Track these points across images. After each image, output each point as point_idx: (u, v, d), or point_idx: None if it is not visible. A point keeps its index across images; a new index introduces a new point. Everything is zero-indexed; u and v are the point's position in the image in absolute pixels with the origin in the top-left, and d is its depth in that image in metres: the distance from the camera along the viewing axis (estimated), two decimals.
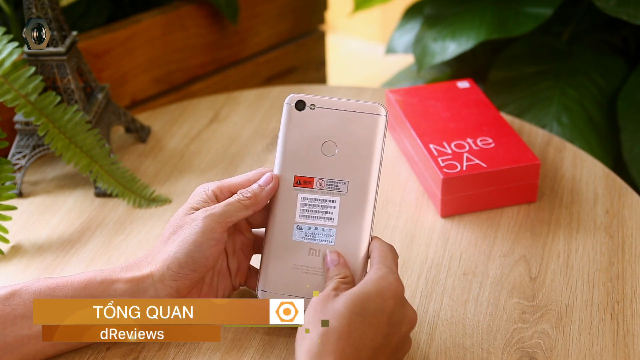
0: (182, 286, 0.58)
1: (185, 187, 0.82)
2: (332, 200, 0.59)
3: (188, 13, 1.06)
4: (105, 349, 0.60)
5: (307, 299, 0.57)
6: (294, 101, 0.60)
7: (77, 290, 0.57)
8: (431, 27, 1.25)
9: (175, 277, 0.57)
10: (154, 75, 1.06)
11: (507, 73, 1.22)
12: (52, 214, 0.79)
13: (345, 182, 0.59)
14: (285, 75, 1.26)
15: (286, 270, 0.59)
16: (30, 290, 0.57)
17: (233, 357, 0.59)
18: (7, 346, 0.55)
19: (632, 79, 1.14)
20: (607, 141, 1.15)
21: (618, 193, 0.78)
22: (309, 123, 0.60)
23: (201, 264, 0.57)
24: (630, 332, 0.61)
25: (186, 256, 0.57)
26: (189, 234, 0.57)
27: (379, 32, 2.51)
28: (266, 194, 0.59)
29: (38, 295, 0.56)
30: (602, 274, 0.67)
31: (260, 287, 0.59)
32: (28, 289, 0.57)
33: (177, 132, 0.92)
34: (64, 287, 0.57)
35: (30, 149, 0.81)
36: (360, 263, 0.58)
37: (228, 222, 0.58)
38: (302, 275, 0.59)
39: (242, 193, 0.59)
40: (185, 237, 0.57)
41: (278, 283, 0.59)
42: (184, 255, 0.57)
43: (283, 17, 1.22)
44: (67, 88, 0.80)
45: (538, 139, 0.87)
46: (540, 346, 0.60)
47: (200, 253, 0.57)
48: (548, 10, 1.16)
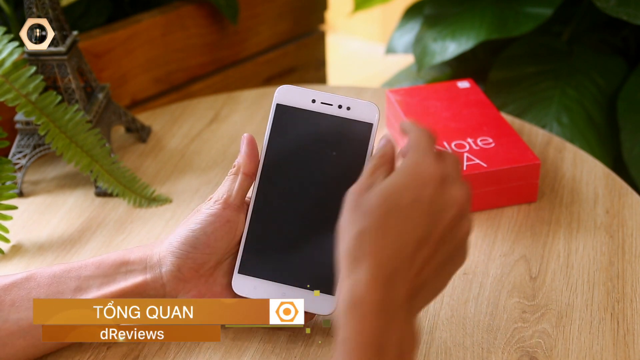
0: (185, 266, 0.58)
1: (185, 187, 0.82)
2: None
3: (188, 13, 1.06)
4: (106, 348, 0.60)
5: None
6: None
7: (90, 270, 0.59)
8: (431, 27, 1.25)
9: (176, 254, 0.58)
10: (154, 75, 1.06)
11: (507, 73, 1.22)
12: (52, 214, 0.79)
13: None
14: (285, 75, 1.26)
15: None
16: (46, 273, 0.58)
17: (233, 357, 0.59)
18: (20, 330, 0.56)
19: (632, 79, 1.14)
20: (607, 141, 1.15)
21: (618, 193, 0.78)
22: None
23: (202, 241, 0.58)
24: (631, 331, 0.61)
25: (187, 233, 0.58)
26: (193, 217, 0.59)
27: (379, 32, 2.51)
28: (245, 154, 0.60)
29: (54, 277, 0.58)
30: (602, 273, 0.67)
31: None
32: (44, 272, 0.58)
33: (177, 132, 0.92)
34: (79, 269, 0.59)
35: (31, 149, 0.81)
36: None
37: (226, 198, 0.59)
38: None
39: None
40: (190, 219, 0.59)
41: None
42: (185, 232, 0.58)
43: (283, 17, 1.22)
44: (67, 88, 0.80)
45: (538, 139, 0.87)
46: (541, 345, 0.60)
47: (201, 230, 0.58)
48: (548, 10, 1.16)
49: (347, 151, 0.60)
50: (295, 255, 0.60)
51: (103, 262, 0.59)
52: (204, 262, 0.59)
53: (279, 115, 0.61)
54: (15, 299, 0.57)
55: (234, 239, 0.60)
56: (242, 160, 0.60)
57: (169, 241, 0.59)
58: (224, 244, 0.59)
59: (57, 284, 0.58)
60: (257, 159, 0.60)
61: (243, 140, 0.61)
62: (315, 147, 0.60)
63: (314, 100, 0.60)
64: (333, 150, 0.60)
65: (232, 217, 0.59)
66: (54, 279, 0.58)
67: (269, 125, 0.61)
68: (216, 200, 0.59)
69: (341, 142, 0.60)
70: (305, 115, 0.60)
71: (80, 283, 0.58)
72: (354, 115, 0.60)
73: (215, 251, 0.59)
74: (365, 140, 0.59)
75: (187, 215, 0.76)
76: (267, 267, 0.60)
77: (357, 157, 0.59)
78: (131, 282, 0.58)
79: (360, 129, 0.60)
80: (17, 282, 0.58)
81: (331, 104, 0.60)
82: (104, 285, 0.58)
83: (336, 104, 0.60)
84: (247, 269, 0.60)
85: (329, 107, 0.60)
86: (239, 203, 0.60)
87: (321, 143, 0.60)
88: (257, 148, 0.60)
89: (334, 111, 0.60)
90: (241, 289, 0.60)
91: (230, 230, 0.59)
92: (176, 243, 0.58)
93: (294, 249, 0.60)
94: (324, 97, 0.60)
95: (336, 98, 0.60)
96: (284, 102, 0.61)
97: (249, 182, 0.60)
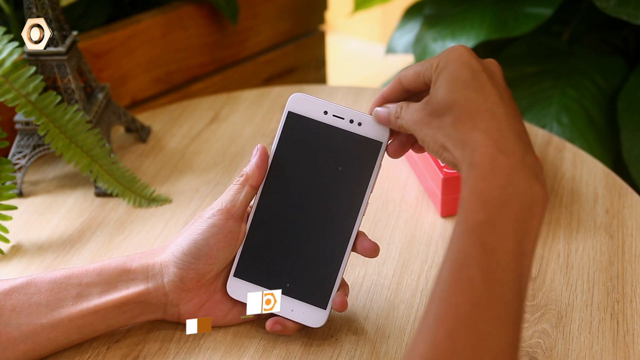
0: (187, 277, 0.58)
1: (185, 187, 0.82)
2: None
3: (188, 13, 1.06)
4: (105, 349, 0.60)
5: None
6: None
7: (92, 277, 0.58)
8: (431, 27, 1.25)
9: (179, 264, 0.58)
10: (154, 75, 1.06)
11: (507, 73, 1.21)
12: (52, 214, 0.79)
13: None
14: (285, 75, 1.26)
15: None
16: (47, 279, 0.58)
17: (233, 357, 0.59)
18: (22, 335, 0.56)
19: (632, 79, 1.14)
20: (607, 141, 1.15)
21: (618, 193, 0.78)
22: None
23: (205, 252, 0.58)
24: (630, 331, 0.61)
25: (189, 243, 0.58)
26: (195, 225, 0.59)
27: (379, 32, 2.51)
28: (255, 167, 0.59)
29: (54, 283, 0.58)
30: (602, 273, 0.67)
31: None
32: (44, 277, 0.58)
33: (177, 132, 0.92)
34: (80, 275, 0.58)
35: (31, 149, 0.81)
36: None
37: (230, 208, 0.58)
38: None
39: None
40: (192, 228, 0.59)
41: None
42: (186, 243, 0.58)
43: (283, 17, 1.22)
44: (67, 88, 0.80)
45: (538, 139, 0.87)
46: (540, 346, 0.60)
47: (203, 241, 0.58)
48: (548, 10, 1.15)
49: (354, 167, 0.59)
50: (290, 264, 0.60)
51: (104, 269, 0.59)
52: (206, 272, 0.59)
53: (289, 124, 0.60)
54: (15, 304, 0.57)
55: (235, 249, 0.60)
56: (252, 172, 0.59)
57: (171, 251, 0.59)
58: (226, 254, 0.59)
59: (58, 290, 0.58)
60: (265, 171, 0.60)
61: (256, 151, 0.60)
62: (322, 160, 0.60)
63: (326, 112, 0.60)
64: (339, 164, 0.59)
65: (234, 227, 0.59)
66: (55, 285, 0.58)
67: (279, 132, 0.60)
68: (219, 209, 0.59)
69: (348, 158, 0.59)
70: (315, 126, 0.60)
71: (82, 290, 0.58)
72: (365, 132, 0.59)
73: (216, 262, 0.59)
74: (373, 158, 0.59)
75: (187, 216, 0.77)
76: (262, 273, 0.60)
77: (362, 175, 0.59)
78: (133, 291, 0.58)
79: (369, 147, 0.59)
80: (18, 287, 0.57)
81: (343, 118, 0.60)
82: (105, 293, 0.58)
83: (348, 118, 0.60)
84: (243, 273, 0.60)
85: (340, 121, 0.60)
86: (242, 214, 0.60)
87: (328, 156, 0.59)
88: (267, 161, 0.60)
89: (345, 125, 0.60)
90: (234, 292, 0.60)
91: (232, 241, 0.59)
92: (178, 254, 0.58)
93: (290, 258, 0.60)
94: (337, 110, 0.60)
95: (349, 112, 0.60)
96: (296, 110, 0.60)
97: (254, 193, 0.60)
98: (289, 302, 0.59)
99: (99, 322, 0.58)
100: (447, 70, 0.52)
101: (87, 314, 0.57)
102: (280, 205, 0.60)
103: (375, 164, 0.59)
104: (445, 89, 0.51)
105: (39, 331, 0.56)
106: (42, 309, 0.57)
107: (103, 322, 0.58)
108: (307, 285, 0.59)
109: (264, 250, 0.60)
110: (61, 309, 0.57)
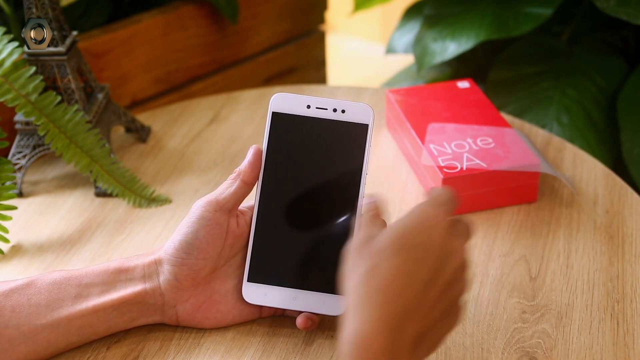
0: (181, 274, 0.58)
1: (185, 187, 0.82)
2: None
3: (188, 13, 1.06)
4: (105, 349, 0.60)
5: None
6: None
7: (91, 278, 0.59)
8: (431, 27, 1.25)
9: (172, 261, 0.59)
10: (154, 75, 1.06)
11: (507, 73, 1.22)
12: (52, 214, 0.79)
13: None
14: (285, 75, 1.26)
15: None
16: (47, 280, 0.58)
17: (233, 357, 0.59)
18: (21, 336, 0.56)
19: (632, 79, 1.14)
20: (607, 141, 1.15)
21: (618, 193, 0.78)
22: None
23: (195, 246, 0.58)
24: (630, 331, 0.61)
25: (180, 239, 0.59)
26: (185, 220, 0.59)
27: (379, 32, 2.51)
28: (247, 163, 0.60)
29: (54, 284, 0.58)
30: (602, 274, 0.67)
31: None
32: (45, 278, 0.58)
33: (177, 132, 0.92)
34: (80, 276, 0.59)
35: (31, 149, 0.81)
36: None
37: (220, 201, 0.59)
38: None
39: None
40: (182, 222, 0.59)
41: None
42: (178, 239, 0.59)
43: (283, 17, 1.22)
44: (67, 88, 0.80)
45: (538, 139, 0.87)
46: (540, 346, 0.60)
47: (193, 234, 0.58)
48: (548, 10, 1.15)
49: (345, 153, 0.60)
50: (301, 258, 0.60)
51: (104, 270, 0.59)
52: (199, 268, 0.59)
53: (275, 123, 0.61)
54: (15, 305, 0.57)
55: (225, 243, 0.60)
56: (244, 168, 0.61)
57: (165, 249, 0.60)
58: (216, 248, 0.59)
59: (58, 291, 0.58)
60: (258, 170, 0.61)
61: (250, 150, 0.61)
62: (314, 151, 0.61)
63: (309, 106, 0.61)
64: (331, 153, 0.61)
65: (222, 220, 0.59)
66: (55, 286, 0.58)
67: (266, 133, 0.61)
68: (208, 200, 0.59)
69: (338, 145, 0.61)
70: (301, 121, 0.61)
71: (81, 290, 0.58)
72: (349, 118, 0.61)
73: (208, 256, 0.59)
74: (362, 141, 0.60)
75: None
76: (276, 272, 0.60)
77: (355, 158, 0.60)
78: (130, 291, 0.58)
79: (356, 131, 0.60)
80: (18, 288, 0.58)
81: (326, 108, 0.61)
82: (104, 293, 0.58)
83: (331, 108, 0.61)
84: (256, 276, 0.60)
85: (324, 112, 0.61)
86: (231, 207, 0.60)
87: (319, 147, 0.61)
88: (261, 160, 0.61)
89: (329, 115, 0.61)
90: (252, 297, 0.60)
91: (220, 234, 0.59)
92: (171, 250, 0.59)
93: (300, 253, 0.60)
94: (319, 102, 0.61)
95: (330, 102, 0.61)
96: (280, 109, 0.61)
97: (246, 190, 0.61)
98: (308, 296, 0.60)
99: (98, 324, 0.58)
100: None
101: (86, 314, 0.58)
102: (281, 202, 0.61)
103: (366, 145, 0.60)
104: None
105: (39, 332, 0.56)
106: (41, 310, 0.57)
107: (102, 324, 0.58)
108: (321, 275, 0.60)
109: (273, 250, 0.60)
110: (60, 309, 0.57)
